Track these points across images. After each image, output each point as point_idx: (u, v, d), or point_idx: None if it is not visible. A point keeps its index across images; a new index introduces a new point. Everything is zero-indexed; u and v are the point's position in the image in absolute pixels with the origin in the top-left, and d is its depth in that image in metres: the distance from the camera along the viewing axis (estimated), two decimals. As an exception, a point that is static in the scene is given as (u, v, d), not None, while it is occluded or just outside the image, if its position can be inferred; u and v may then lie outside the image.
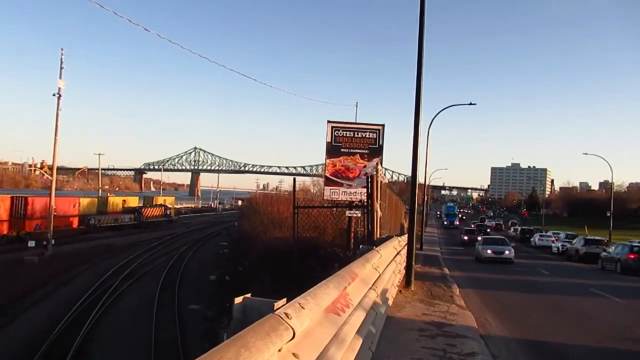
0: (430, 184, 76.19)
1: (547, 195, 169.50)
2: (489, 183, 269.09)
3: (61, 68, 34.55)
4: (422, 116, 13.07)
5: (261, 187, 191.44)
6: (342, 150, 22.10)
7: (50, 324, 19.00)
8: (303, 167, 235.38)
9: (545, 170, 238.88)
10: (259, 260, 23.22)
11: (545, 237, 48.36)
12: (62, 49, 34.72)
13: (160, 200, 73.19)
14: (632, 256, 24.62)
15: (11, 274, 27.22)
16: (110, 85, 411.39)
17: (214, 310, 22.04)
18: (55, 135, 35.15)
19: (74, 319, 19.90)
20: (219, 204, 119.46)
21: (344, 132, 22.19)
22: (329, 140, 22.08)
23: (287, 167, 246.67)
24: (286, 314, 2.12)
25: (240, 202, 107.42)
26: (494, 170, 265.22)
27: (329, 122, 22.29)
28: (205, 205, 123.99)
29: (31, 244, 35.55)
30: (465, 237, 47.02)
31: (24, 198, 40.88)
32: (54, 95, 34.27)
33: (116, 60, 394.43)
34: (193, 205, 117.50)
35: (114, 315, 21.21)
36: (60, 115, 34.94)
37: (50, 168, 39.37)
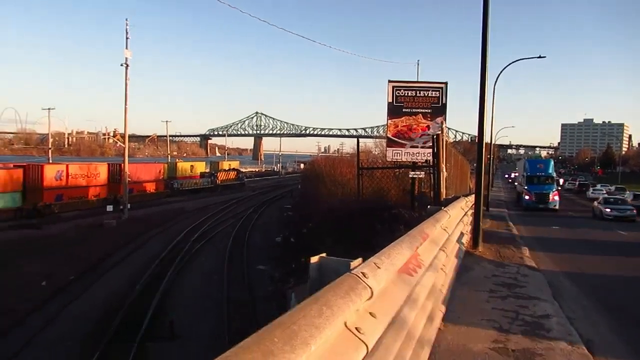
0: (496, 142, 73.26)
1: (624, 152, 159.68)
2: (559, 140, 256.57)
3: (127, 38, 35.68)
4: (488, 72, 12.48)
5: (322, 150, 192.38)
6: (404, 110, 21.61)
7: (129, 284, 20.25)
8: (364, 129, 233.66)
9: (622, 125, 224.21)
10: (322, 223, 23.44)
11: (597, 190, 49.59)
12: (126, 19, 35.77)
13: (225, 164, 75.26)
14: None
15: (94, 236, 29.13)
16: (175, 53, 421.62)
17: (281, 271, 22.67)
18: (125, 104, 36.65)
19: (152, 278, 21.09)
20: (282, 167, 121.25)
21: (406, 92, 21.64)
22: (390, 100, 21.63)
23: (347, 130, 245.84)
24: (363, 274, 2.10)
25: (302, 165, 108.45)
26: (564, 126, 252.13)
27: (389, 81, 21.78)
28: (268, 169, 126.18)
29: (109, 208, 37.72)
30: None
31: (119, 164, 43.41)
32: (121, 65, 35.53)
33: (179, 28, 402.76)
34: (256, 169, 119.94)
35: (188, 276, 22.27)
36: (128, 84, 36.30)
37: (123, 136, 41.24)
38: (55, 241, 27.17)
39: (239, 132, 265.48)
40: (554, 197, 33.53)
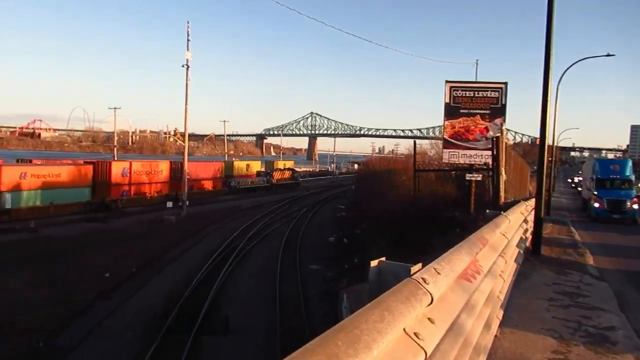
0: (559, 144, 70.20)
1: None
2: (627, 143, 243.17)
3: (188, 40, 36.80)
4: (552, 71, 12.01)
5: (377, 150, 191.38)
6: (462, 111, 21.18)
7: (187, 278, 20.89)
8: (419, 130, 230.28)
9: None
10: (375, 224, 23.35)
11: None
12: (188, 22, 36.86)
13: (280, 164, 76.26)
14: None
15: (154, 231, 30.29)
16: (233, 54, 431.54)
17: (333, 271, 22.75)
18: (186, 104, 37.79)
19: (208, 273, 21.67)
20: (336, 167, 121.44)
21: (463, 92, 21.20)
22: (448, 101, 21.25)
23: (402, 130, 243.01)
24: (423, 279, 2.08)
25: (356, 166, 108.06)
26: (634, 128, 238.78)
27: (447, 82, 21.41)
28: (322, 169, 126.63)
29: (169, 204, 39.06)
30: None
31: (180, 163, 45.11)
32: (182, 66, 36.70)
33: (236, 30, 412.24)
34: (311, 169, 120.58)
35: (242, 272, 22.73)
36: (189, 85, 37.42)
37: (183, 135, 42.63)
38: (119, 235, 28.45)
39: (293, 132, 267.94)
40: (633, 205, 26.11)
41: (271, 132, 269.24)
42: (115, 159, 56.66)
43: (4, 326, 15.02)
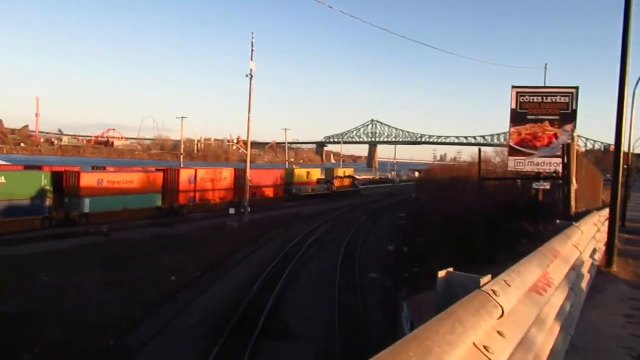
0: (635, 152, 66.10)
1: None
2: None
3: (252, 50, 37.64)
4: (629, 74, 11.35)
5: (438, 158, 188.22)
6: (529, 117, 20.47)
7: (248, 283, 21.30)
8: (483, 137, 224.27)
9: None
10: (437, 232, 22.92)
11: None
12: (252, 33, 37.75)
13: (340, 171, 76.43)
14: None
15: (218, 236, 31.16)
16: (294, 62, 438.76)
17: (392, 280, 22.49)
18: (249, 113, 38.70)
19: (269, 279, 22.01)
20: (396, 175, 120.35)
21: (531, 97, 20.49)
22: (514, 106, 20.60)
23: (465, 137, 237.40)
24: (493, 291, 2.02)
25: (417, 174, 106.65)
26: None
27: (513, 87, 20.77)
28: (383, 177, 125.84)
29: (231, 211, 40.06)
30: None
31: (242, 170, 46.40)
32: (246, 76, 37.63)
33: (297, 37, 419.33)
34: (371, 177, 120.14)
35: (302, 278, 22.92)
36: (252, 94, 38.32)
37: (245, 143, 43.70)
38: (184, 239, 29.48)
39: (353, 140, 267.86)
40: None
41: (331, 140, 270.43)
42: (182, 166, 58.85)
43: (78, 325, 15.88)
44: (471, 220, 17.33)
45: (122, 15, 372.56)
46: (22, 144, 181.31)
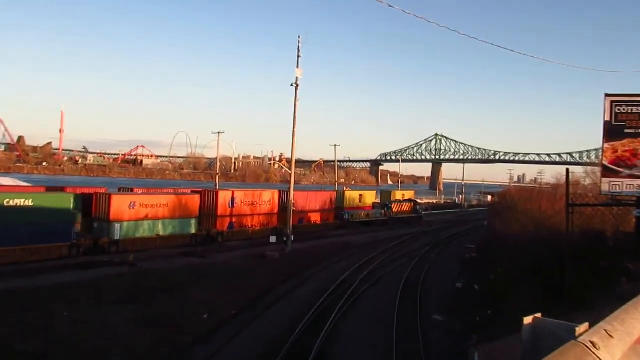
0: None
1: None
2: None
3: (298, 56, 38.27)
4: None
5: (515, 179, 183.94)
6: (627, 130, 19.71)
7: (291, 323, 21.26)
8: (570, 154, 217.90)
9: None
10: (515, 268, 22.29)
11: None
12: (299, 37, 38.46)
13: (398, 194, 75.96)
14: None
15: (257, 268, 31.47)
16: (344, 72, 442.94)
17: (461, 324, 21.92)
18: (293, 127, 39.16)
19: (314, 319, 21.90)
20: (465, 199, 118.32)
21: (629, 108, 19.75)
22: (608, 118, 19.91)
23: (548, 155, 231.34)
24: (592, 343, 1.91)
25: (490, 197, 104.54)
26: None
27: (607, 95, 20.10)
28: (449, 201, 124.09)
29: (272, 239, 40.44)
30: None
31: (285, 192, 47.09)
32: (291, 85, 38.19)
33: (346, 45, 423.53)
34: (434, 201, 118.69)
35: (353, 319, 22.67)
36: (297, 105, 38.77)
37: (289, 161, 44.21)
38: (220, 271, 29.97)
39: (414, 158, 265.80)
40: None
41: (388, 158, 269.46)
42: (217, 187, 60.09)
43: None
44: (557, 254, 16.75)
45: (152, 26, 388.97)
46: (44, 163, 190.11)
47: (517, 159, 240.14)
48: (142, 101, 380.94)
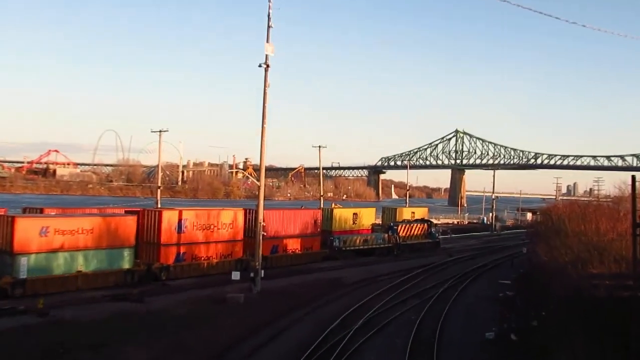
0: None
1: None
2: None
3: (268, 27, 38.12)
4: None
5: (564, 190, 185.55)
6: None
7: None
8: (637, 156, 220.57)
9: None
10: (566, 311, 22.36)
11: None
12: (269, 1, 38.11)
13: (406, 213, 76.10)
14: None
15: (215, 317, 31.10)
16: (329, 52, 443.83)
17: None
18: (263, 121, 38.92)
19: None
20: (495, 218, 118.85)
21: None
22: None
23: (607, 158, 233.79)
24: None
25: (529, 216, 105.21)
26: None
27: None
28: (474, 221, 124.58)
29: (235, 276, 40.14)
30: None
31: (254, 211, 46.68)
32: (259, 66, 38.04)
33: (336, 23, 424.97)
34: (455, 221, 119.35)
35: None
36: (268, 93, 38.56)
37: (257, 169, 44.10)
38: (163, 320, 29.52)
39: (427, 163, 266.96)
40: None
41: (391, 163, 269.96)
42: (159, 206, 59.61)
43: None
44: (622, 292, 16.85)
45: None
46: None
47: (565, 163, 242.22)
48: (55, 91, 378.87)
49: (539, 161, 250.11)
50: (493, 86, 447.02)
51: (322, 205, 72.73)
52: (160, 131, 65.43)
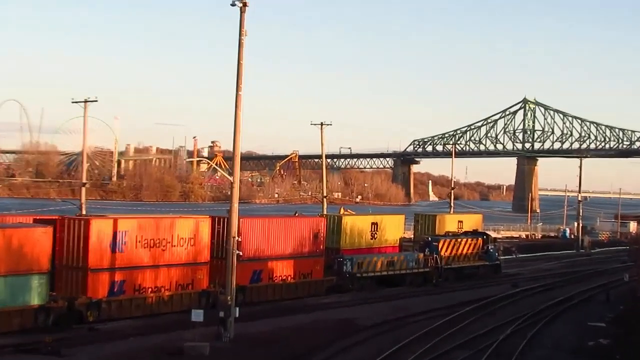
0: None
1: None
2: None
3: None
4: None
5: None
6: None
7: None
8: None
9: None
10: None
11: None
12: None
13: (450, 222, 75.85)
14: None
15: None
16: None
17: None
18: (238, 87, 38.87)
19: None
20: (584, 230, 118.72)
21: None
22: None
23: None
24: None
25: (634, 226, 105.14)
26: None
27: None
28: (552, 234, 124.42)
29: (197, 316, 40.08)
30: None
31: (225, 219, 46.07)
32: (233, 4, 38.09)
33: None
34: (523, 234, 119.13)
35: None
36: (244, 44, 38.54)
37: (229, 158, 44.10)
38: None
39: (480, 148, 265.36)
40: None
41: (428, 149, 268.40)
42: (84, 212, 59.45)
43: None
44: None
45: None
46: None
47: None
48: None
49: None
50: (579, 36, 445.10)
51: (325, 211, 72.70)
52: (85, 101, 64.57)
